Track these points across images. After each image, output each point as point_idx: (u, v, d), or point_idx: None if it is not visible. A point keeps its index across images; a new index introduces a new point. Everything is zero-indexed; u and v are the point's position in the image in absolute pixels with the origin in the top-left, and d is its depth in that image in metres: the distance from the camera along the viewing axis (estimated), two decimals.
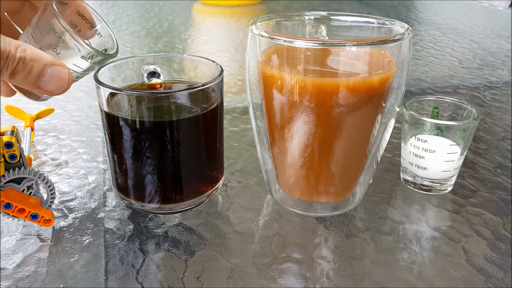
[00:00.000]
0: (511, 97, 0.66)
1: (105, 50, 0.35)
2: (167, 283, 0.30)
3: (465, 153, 0.40)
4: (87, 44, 0.30)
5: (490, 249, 0.34)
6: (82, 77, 0.34)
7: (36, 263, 0.32)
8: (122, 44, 0.89)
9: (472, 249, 0.34)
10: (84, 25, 0.34)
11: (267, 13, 0.76)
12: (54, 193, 0.36)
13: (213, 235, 0.35)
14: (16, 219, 0.34)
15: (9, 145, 0.33)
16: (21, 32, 0.35)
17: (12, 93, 0.34)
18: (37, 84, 0.29)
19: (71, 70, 0.31)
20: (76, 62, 0.31)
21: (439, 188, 0.41)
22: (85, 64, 0.32)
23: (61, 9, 0.31)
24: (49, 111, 0.55)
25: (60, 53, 0.31)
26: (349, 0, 1.47)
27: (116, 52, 0.34)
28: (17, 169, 0.33)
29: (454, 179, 0.41)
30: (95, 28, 0.34)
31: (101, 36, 0.34)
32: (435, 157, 0.39)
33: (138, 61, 0.38)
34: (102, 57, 0.32)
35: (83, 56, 0.31)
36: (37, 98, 0.33)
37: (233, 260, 0.33)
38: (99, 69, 0.35)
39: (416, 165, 0.40)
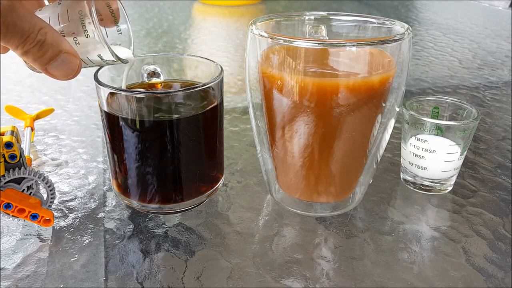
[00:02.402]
0: (511, 97, 0.66)
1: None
2: (167, 283, 0.30)
3: (465, 153, 0.40)
4: (109, 49, 0.30)
5: (490, 249, 0.34)
6: (88, 68, 0.33)
7: (36, 263, 0.32)
8: None
9: (472, 249, 0.34)
10: (108, 17, 0.33)
11: (267, 13, 0.76)
12: (54, 193, 0.36)
13: (213, 235, 0.35)
14: (16, 219, 0.34)
15: (9, 145, 0.33)
16: (46, 2, 0.34)
17: (5, 50, 0.33)
18: (45, 67, 0.29)
19: (82, 62, 0.30)
20: (90, 57, 0.31)
21: (439, 188, 0.41)
22: (98, 61, 0.31)
23: None
24: (49, 111, 0.55)
25: (79, 44, 0.30)
26: (349, 0, 1.47)
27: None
28: (17, 169, 0.33)
29: (454, 179, 0.41)
30: (118, 25, 0.34)
31: (120, 33, 0.34)
32: (435, 157, 0.39)
33: (138, 61, 0.38)
34: (117, 61, 0.31)
35: (99, 54, 0.31)
36: (32, 68, 0.32)
37: (233, 260, 0.33)
38: (99, 69, 0.35)
39: (416, 165, 0.40)
